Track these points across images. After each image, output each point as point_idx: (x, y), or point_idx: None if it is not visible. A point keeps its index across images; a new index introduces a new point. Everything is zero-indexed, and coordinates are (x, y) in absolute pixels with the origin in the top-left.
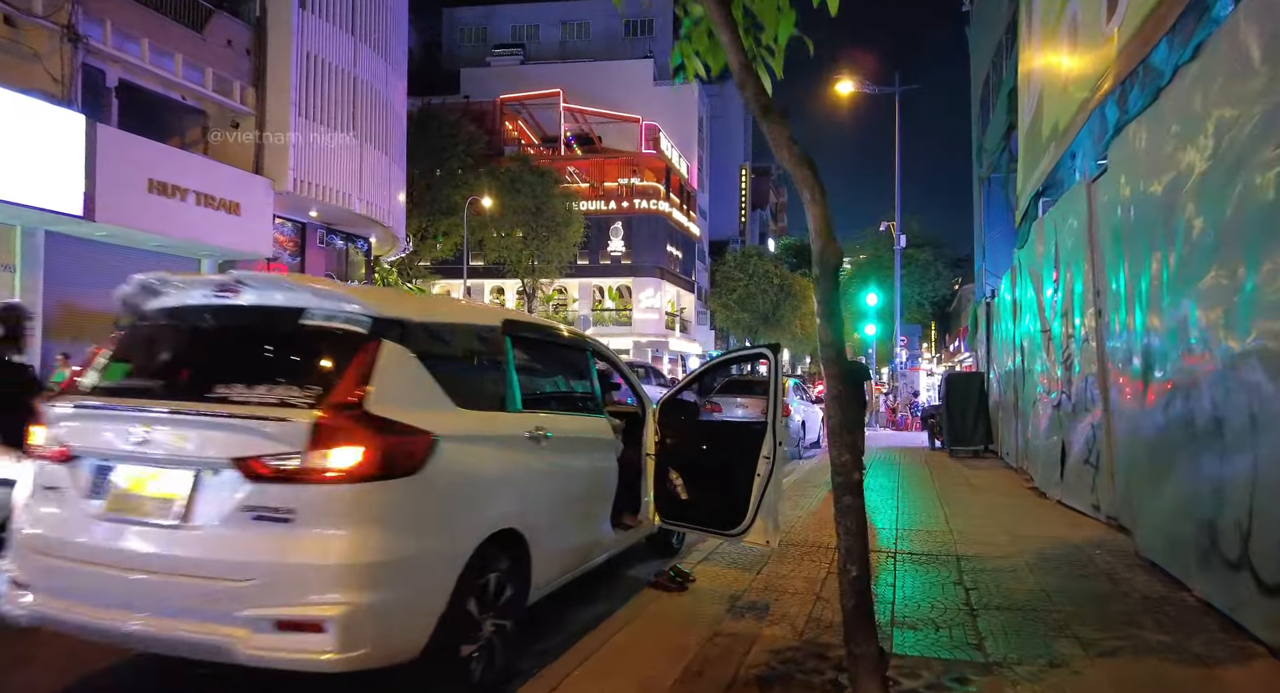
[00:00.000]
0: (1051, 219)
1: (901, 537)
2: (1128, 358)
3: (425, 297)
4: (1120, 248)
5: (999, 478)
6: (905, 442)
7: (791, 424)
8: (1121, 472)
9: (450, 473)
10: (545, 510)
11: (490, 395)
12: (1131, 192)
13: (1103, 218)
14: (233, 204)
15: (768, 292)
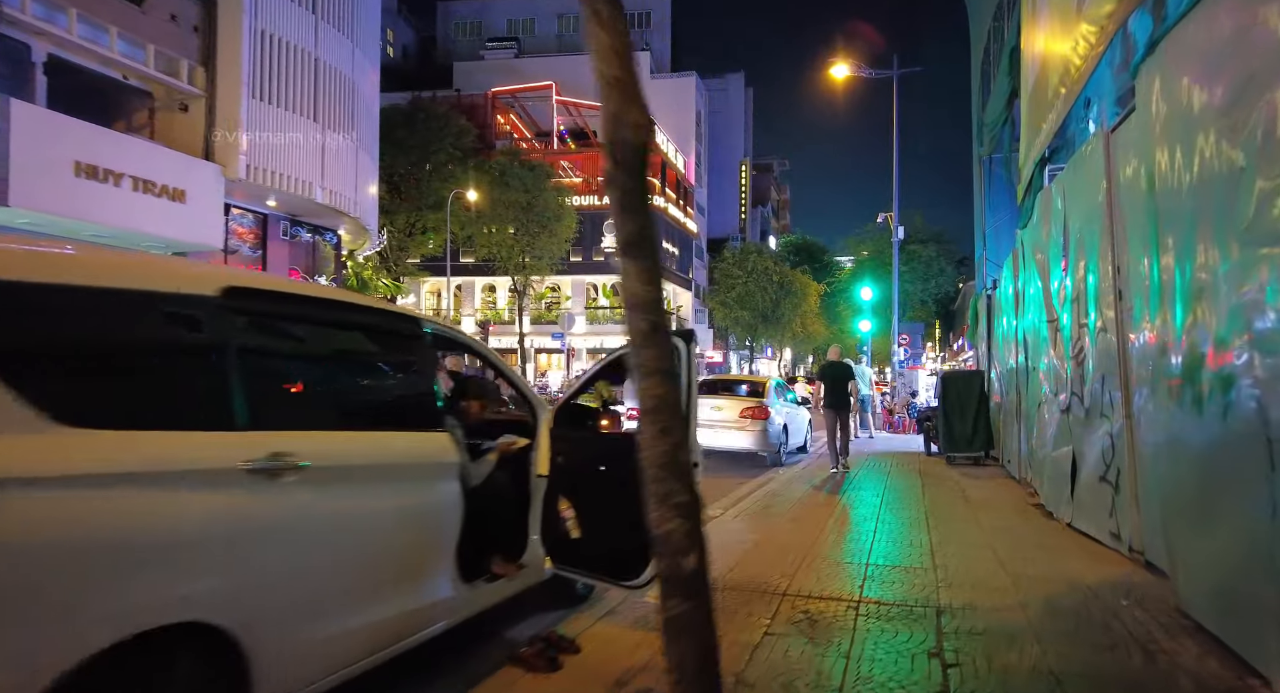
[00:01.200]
0: (1059, 187)
1: (872, 577)
2: (1162, 352)
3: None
4: (1152, 210)
5: (1000, 491)
6: (900, 446)
7: (771, 428)
8: (1151, 495)
9: (21, 543)
10: (285, 582)
11: (175, 406)
12: (1172, 131)
13: (1126, 175)
14: (177, 191)
15: (767, 289)
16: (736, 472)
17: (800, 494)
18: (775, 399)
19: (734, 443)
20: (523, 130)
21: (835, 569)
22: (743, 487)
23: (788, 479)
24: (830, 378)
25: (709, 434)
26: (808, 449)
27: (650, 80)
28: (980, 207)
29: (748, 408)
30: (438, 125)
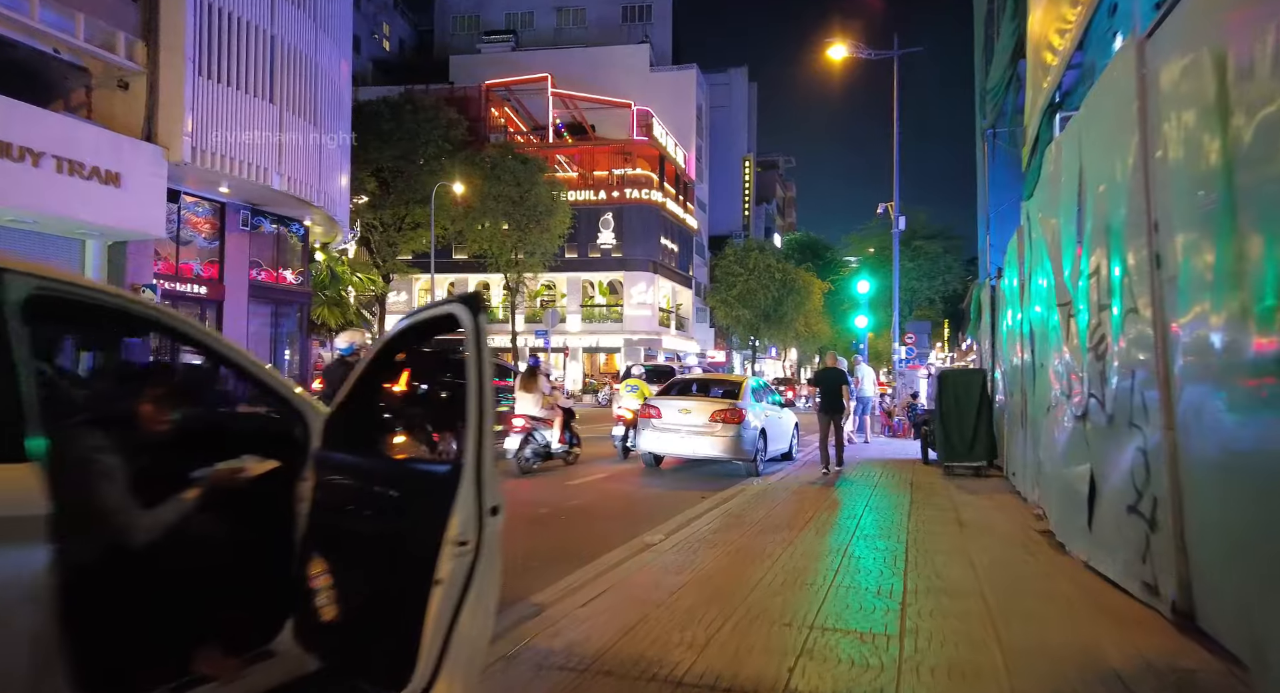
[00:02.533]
0: (1074, 133)
1: (811, 652)
2: (1227, 336)
3: None
4: (1214, 135)
5: (1000, 512)
6: (896, 452)
7: (745, 433)
8: (1207, 537)
9: None
10: None
11: None
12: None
13: (1171, 93)
14: (111, 174)
15: (769, 287)
16: (703, 483)
17: (764, 515)
18: (752, 401)
19: (702, 450)
20: (518, 124)
21: (765, 636)
22: (702, 504)
23: (757, 494)
24: (824, 382)
25: (674, 441)
26: (794, 456)
27: (649, 73)
28: (983, 187)
29: (719, 411)
30: (426, 118)
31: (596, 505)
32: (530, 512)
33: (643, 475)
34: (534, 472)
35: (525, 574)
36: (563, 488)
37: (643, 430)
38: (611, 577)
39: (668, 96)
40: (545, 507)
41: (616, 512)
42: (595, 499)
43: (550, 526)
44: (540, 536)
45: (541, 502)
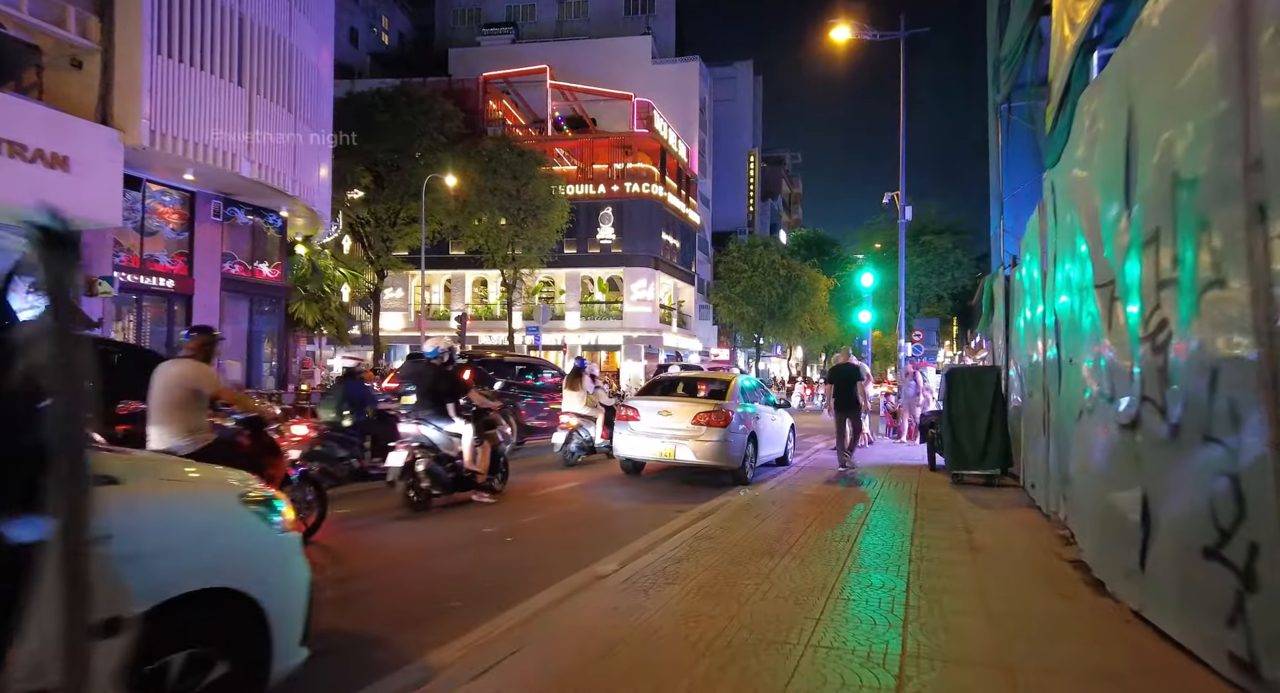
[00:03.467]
0: (1120, 67)
1: None
2: None
3: None
4: None
5: (1020, 532)
6: (902, 457)
7: (732, 438)
8: None
9: None
10: None
11: None
12: None
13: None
14: (59, 157)
15: (774, 284)
16: (682, 494)
17: (742, 535)
18: (741, 402)
19: (683, 456)
20: (517, 117)
21: None
22: (676, 519)
23: (741, 507)
24: (838, 380)
25: (653, 446)
26: (789, 461)
27: (652, 66)
28: (996, 168)
29: (703, 413)
30: (421, 110)
31: (556, 521)
32: (475, 531)
33: (618, 484)
34: (578, 465)
35: (433, 621)
36: (525, 499)
37: (619, 434)
38: (536, 627)
39: (670, 89)
40: (496, 524)
41: (574, 530)
42: (557, 514)
43: (492, 549)
44: (477, 562)
45: (495, 517)
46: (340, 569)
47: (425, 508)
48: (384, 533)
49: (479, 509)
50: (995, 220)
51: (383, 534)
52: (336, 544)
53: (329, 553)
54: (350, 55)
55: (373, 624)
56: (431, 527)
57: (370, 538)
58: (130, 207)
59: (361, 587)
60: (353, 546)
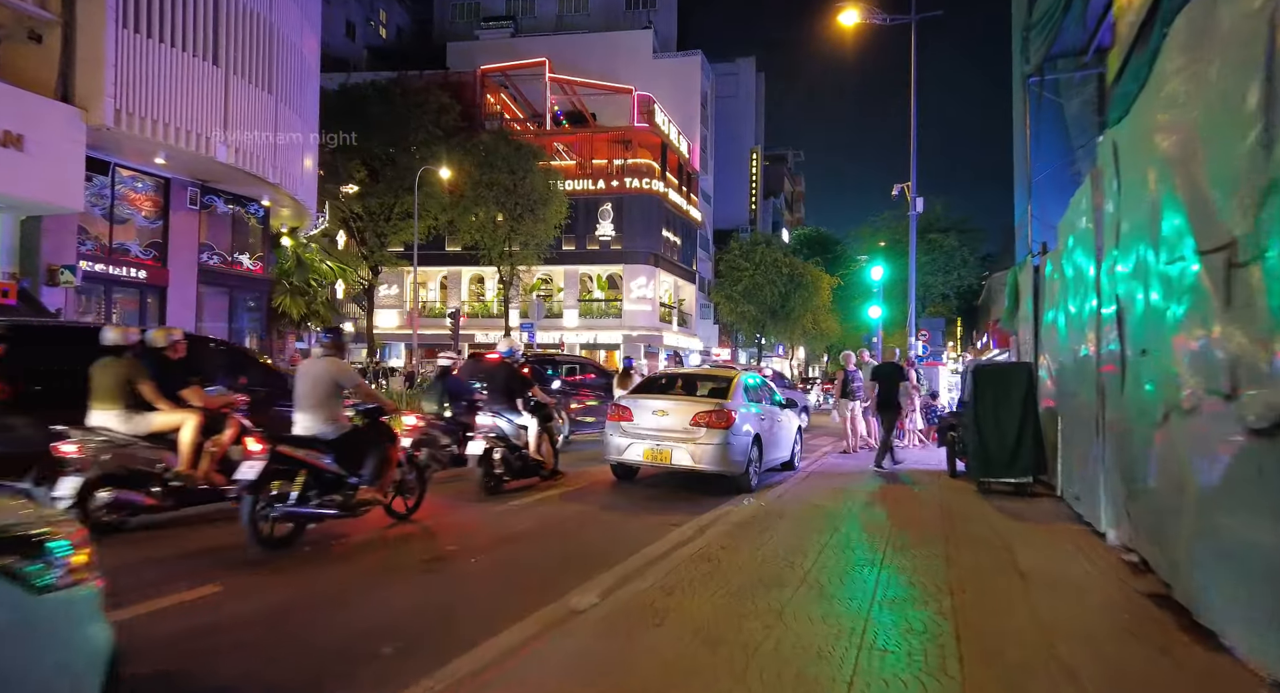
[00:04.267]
0: None
1: None
2: None
3: None
4: None
5: (1069, 553)
6: (916, 461)
7: (734, 440)
8: None
9: None
10: None
11: None
12: None
13: None
14: (12, 136)
15: (776, 282)
16: (679, 503)
17: (746, 557)
18: (744, 401)
19: (680, 461)
20: (515, 111)
21: None
22: (670, 535)
23: (745, 521)
24: (883, 379)
25: (647, 449)
26: (795, 466)
27: (653, 60)
28: (1022, 147)
29: (703, 413)
30: (416, 102)
31: (531, 538)
32: (437, 549)
33: (608, 492)
34: None
35: (371, 669)
36: (503, 512)
37: (610, 436)
38: (486, 688)
39: (671, 84)
40: (459, 542)
41: (551, 550)
42: (533, 528)
43: (452, 575)
44: (428, 595)
45: (460, 533)
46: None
47: (498, 491)
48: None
49: (446, 522)
50: (1019, 206)
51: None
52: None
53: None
54: (347, 49)
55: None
56: (390, 546)
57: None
58: (98, 192)
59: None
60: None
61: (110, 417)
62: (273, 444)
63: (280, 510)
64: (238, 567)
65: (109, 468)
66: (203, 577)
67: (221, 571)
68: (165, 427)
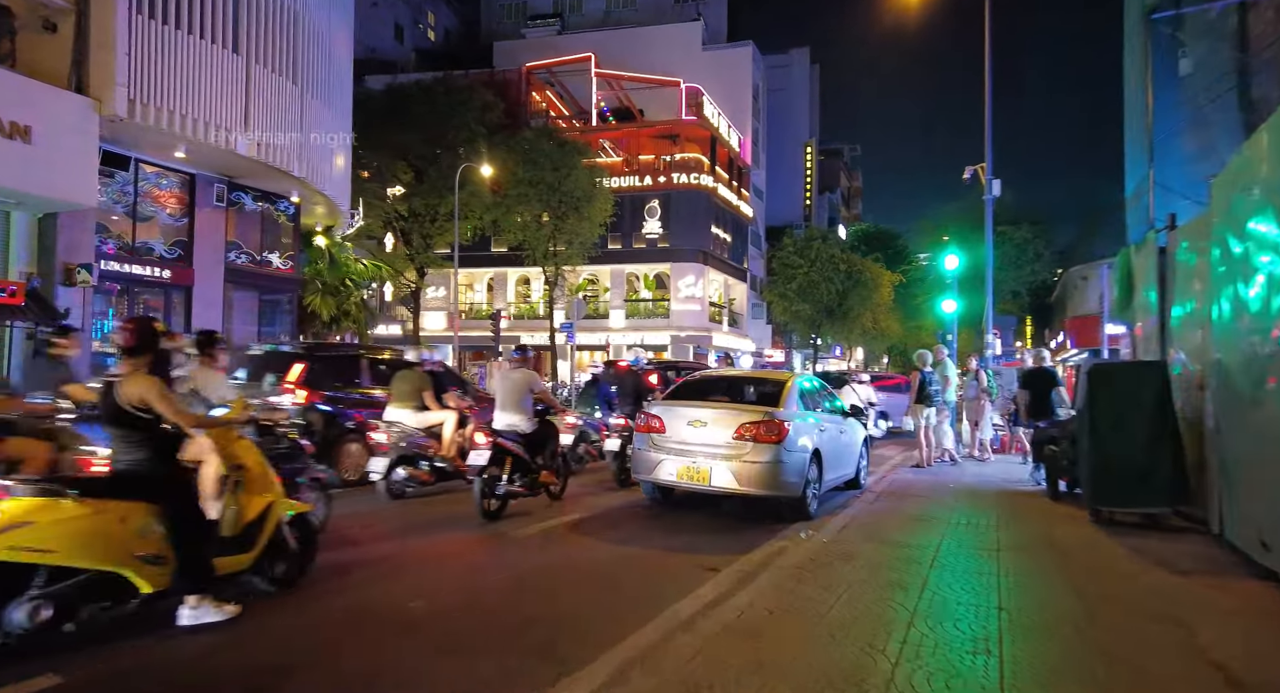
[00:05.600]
0: None
1: None
2: None
3: None
4: None
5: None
6: (998, 476)
7: (788, 457)
8: None
9: None
10: None
11: None
12: None
13: None
14: (19, 127)
15: (833, 279)
16: (718, 536)
17: (805, 628)
18: (799, 409)
19: (722, 482)
20: (560, 108)
21: None
22: (703, 588)
23: (801, 566)
24: (1033, 385)
25: (682, 467)
26: (862, 483)
27: (701, 52)
28: (1143, 100)
29: (748, 424)
30: (459, 100)
31: (523, 588)
32: (399, 610)
33: (633, 519)
34: None
35: None
36: (501, 547)
37: (639, 450)
38: None
39: (721, 76)
40: (428, 594)
41: (544, 607)
42: (529, 572)
43: (409, 648)
44: (374, 680)
45: (446, 575)
46: None
47: (627, 485)
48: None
49: (431, 559)
50: (1133, 173)
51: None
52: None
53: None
54: (395, 52)
55: None
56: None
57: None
58: (121, 189)
59: None
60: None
61: (403, 413)
62: (494, 437)
63: (502, 489)
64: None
65: (403, 451)
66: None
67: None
68: (435, 422)
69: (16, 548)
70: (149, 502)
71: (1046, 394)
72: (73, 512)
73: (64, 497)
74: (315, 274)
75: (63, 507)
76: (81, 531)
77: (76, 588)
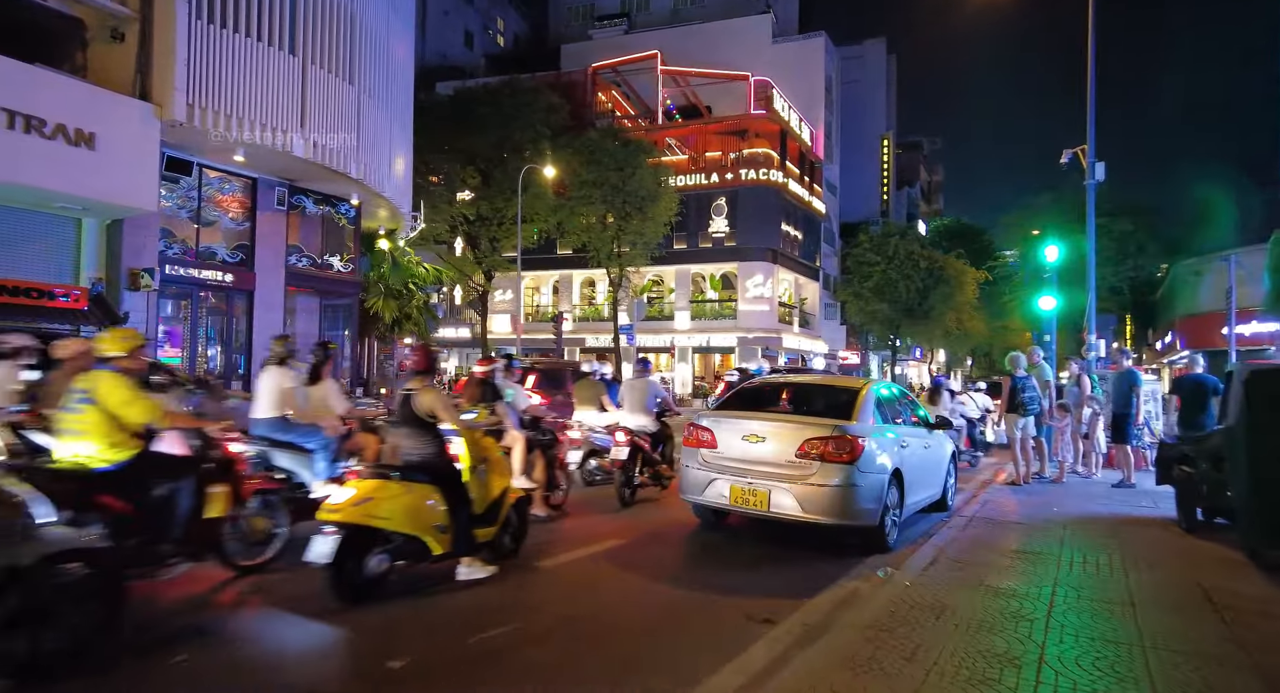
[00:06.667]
0: None
1: None
2: None
3: None
4: None
5: None
6: (1121, 501)
7: (862, 480)
8: None
9: None
10: None
11: None
12: None
13: None
14: (83, 134)
15: (913, 277)
16: (778, 577)
17: None
18: (876, 421)
19: (783, 508)
20: (626, 108)
21: None
22: (747, 654)
23: (875, 625)
24: (1185, 391)
25: (738, 487)
26: (949, 505)
27: (771, 45)
28: None
29: (815, 440)
30: (524, 101)
31: (531, 637)
32: (378, 668)
33: (677, 546)
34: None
35: None
36: (519, 585)
37: (686, 466)
38: None
39: (792, 69)
40: (407, 652)
41: (550, 666)
42: (547, 615)
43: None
44: None
45: (439, 623)
46: None
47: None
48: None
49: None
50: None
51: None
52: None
53: None
54: (465, 58)
55: None
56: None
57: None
58: (185, 194)
59: None
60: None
61: (588, 415)
62: (632, 435)
63: (636, 481)
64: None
65: (592, 446)
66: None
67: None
68: (611, 422)
69: (368, 515)
70: (433, 485)
71: (1204, 404)
72: (397, 491)
73: (391, 479)
74: (379, 278)
75: (390, 487)
76: (404, 505)
77: (396, 549)
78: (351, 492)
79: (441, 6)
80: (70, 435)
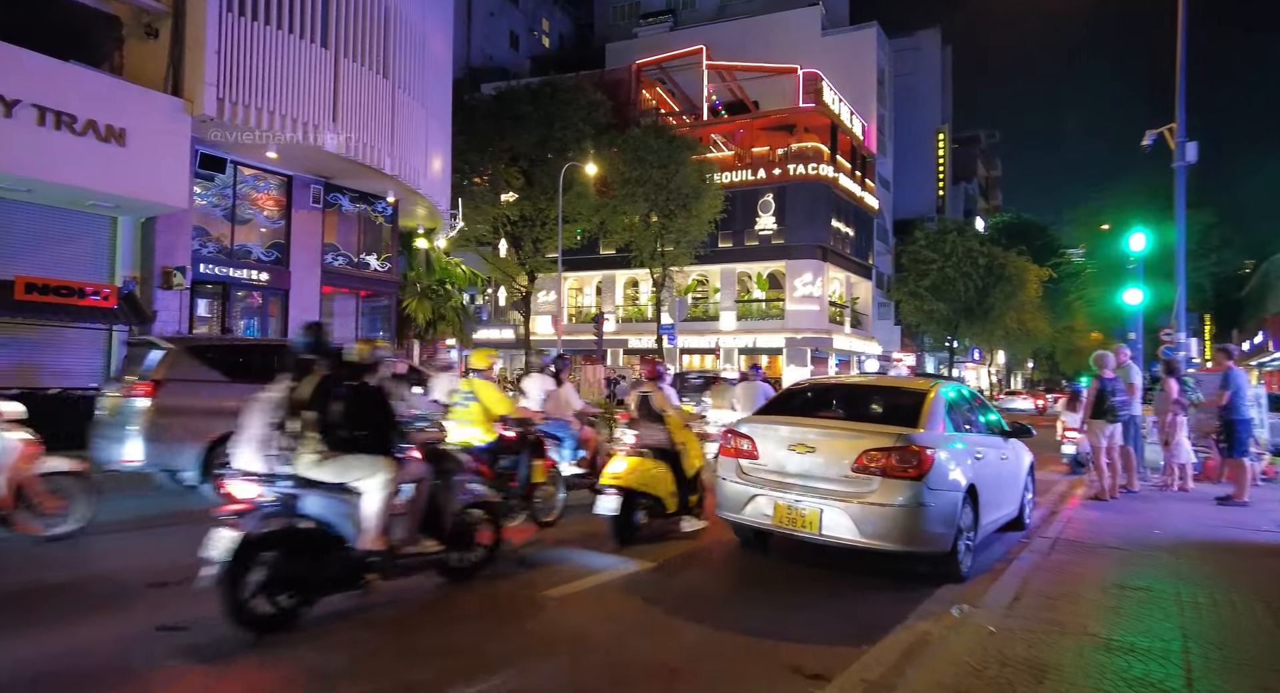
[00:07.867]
0: None
1: None
2: None
3: None
4: None
5: None
6: (1214, 518)
7: (931, 498)
8: None
9: None
10: None
11: None
12: None
13: None
14: (113, 130)
15: (971, 275)
16: (830, 617)
17: None
18: (947, 428)
19: (836, 530)
20: (671, 105)
21: None
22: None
23: (956, 681)
24: None
25: (783, 505)
26: (1026, 523)
27: (821, 38)
28: None
29: (875, 452)
30: (566, 99)
31: (535, 673)
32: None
33: (711, 573)
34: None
35: None
36: (525, 615)
37: (723, 479)
38: None
39: (842, 62)
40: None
41: None
42: (546, 662)
43: None
44: None
45: (433, 651)
46: None
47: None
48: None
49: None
50: None
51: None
52: None
53: None
54: (511, 60)
55: None
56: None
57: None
58: (220, 192)
59: None
60: None
61: (721, 414)
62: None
63: None
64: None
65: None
66: None
67: None
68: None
69: (639, 482)
70: (666, 462)
71: None
72: (650, 466)
73: (645, 456)
74: (416, 277)
75: (645, 462)
76: (655, 475)
77: (648, 507)
78: (624, 465)
79: (487, 8)
80: (461, 423)
